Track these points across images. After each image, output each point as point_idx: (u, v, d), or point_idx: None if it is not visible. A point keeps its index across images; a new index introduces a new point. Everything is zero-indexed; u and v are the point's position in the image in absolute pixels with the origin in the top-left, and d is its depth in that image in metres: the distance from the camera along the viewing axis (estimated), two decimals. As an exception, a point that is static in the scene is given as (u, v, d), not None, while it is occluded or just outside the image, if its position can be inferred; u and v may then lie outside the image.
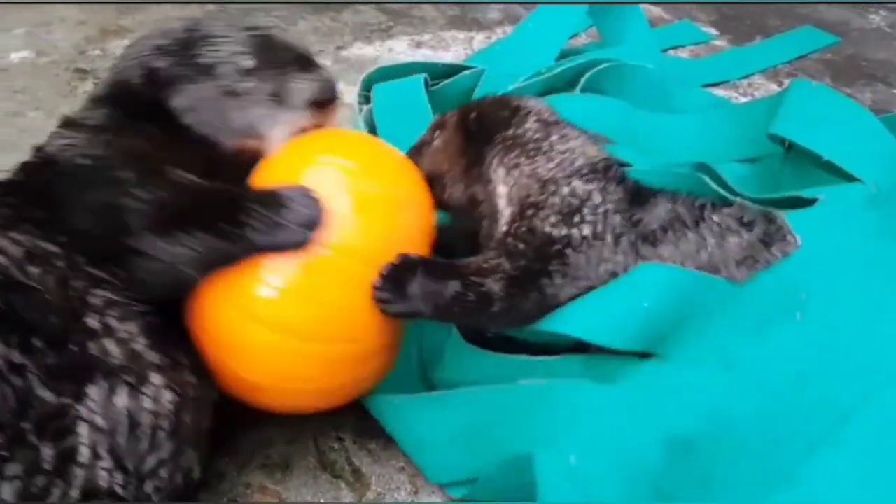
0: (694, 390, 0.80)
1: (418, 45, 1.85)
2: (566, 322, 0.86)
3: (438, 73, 1.54)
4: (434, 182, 0.98)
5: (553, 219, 0.89)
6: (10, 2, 1.69)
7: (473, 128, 0.98)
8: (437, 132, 1.03)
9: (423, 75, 1.45)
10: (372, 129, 1.39)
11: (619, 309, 0.85)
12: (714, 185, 1.06)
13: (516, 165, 0.95)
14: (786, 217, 0.92)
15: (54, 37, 1.57)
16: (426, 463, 0.95)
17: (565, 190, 0.91)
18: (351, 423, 1.01)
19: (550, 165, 0.94)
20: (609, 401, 0.82)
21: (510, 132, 0.97)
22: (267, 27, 0.96)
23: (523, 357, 0.90)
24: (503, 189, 0.95)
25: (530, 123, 0.98)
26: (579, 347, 0.88)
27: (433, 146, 1.02)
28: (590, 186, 0.92)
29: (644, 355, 0.84)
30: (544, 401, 0.85)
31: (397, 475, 0.96)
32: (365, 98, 1.45)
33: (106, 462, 0.72)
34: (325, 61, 1.72)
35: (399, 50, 1.82)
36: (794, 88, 1.22)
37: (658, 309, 0.84)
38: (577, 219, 0.89)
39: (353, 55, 1.78)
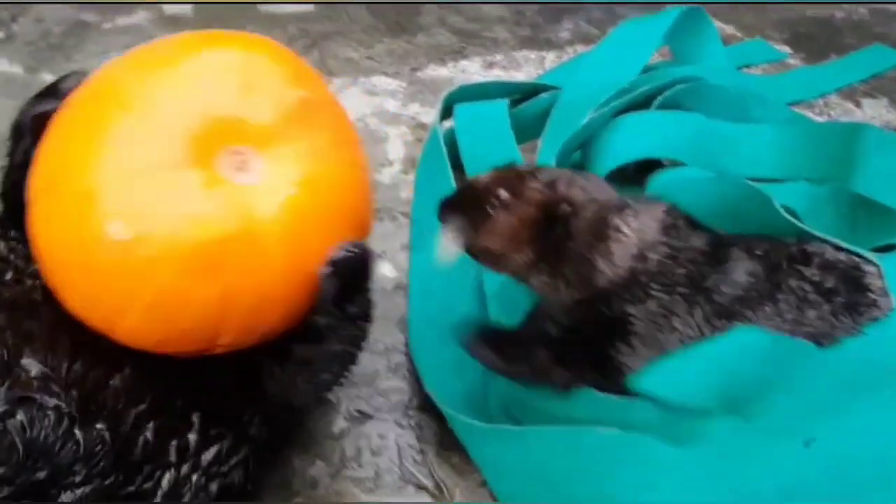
0: (771, 461, 0.80)
1: (490, 65, 1.88)
2: (648, 381, 0.86)
3: (517, 91, 1.57)
4: (488, 255, 0.96)
5: (624, 294, 0.89)
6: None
7: (560, 233, 0.91)
8: (502, 208, 0.93)
9: (506, 101, 1.48)
10: (452, 149, 1.43)
11: (705, 371, 0.84)
12: (787, 217, 1.05)
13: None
14: (875, 266, 0.90)
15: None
16: (500, 489, 0.96)
17: (636, 265, 0.90)
18: (431, 436, 1.05)
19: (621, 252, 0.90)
20: (685, 462, 0.83)
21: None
22: None
23: (600, 394, 0.90)
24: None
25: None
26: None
27: (497, 224, 0.93)
28: (656, 255, 0.90)
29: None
30: (620, 452, 0.86)
31: (479, 489, 0.99)
32: (445, 115, 1.49)
33: None
34: (400, 82, 1.78)
35: (472, 70, 1.85)
36: (865, 136, 1.20)
37: (745, 371, 0.82)
38: (645, 292, 0.89)
39: (427, 76, 1.82)
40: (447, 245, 0.94)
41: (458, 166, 1.38)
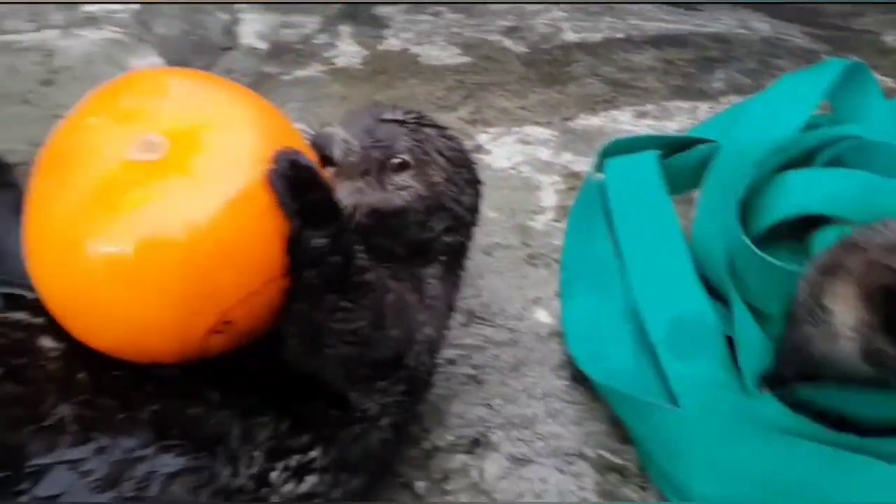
0: None
1: (641, 115, 1.91)
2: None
3: (671, 144, 1.60)
4: None
5: None
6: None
7: None
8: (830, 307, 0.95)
9: (657, 153, 1.52)
10: (605, 202, 1.47)
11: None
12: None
13: None
14: None
15: (323, 110, 1.81)
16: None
17: None
18: (591, 484, 1.08)
19: None
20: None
21: None
22: None
23: (853, 437, 0.95)
24: None
25: None
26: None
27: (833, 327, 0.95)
28: None
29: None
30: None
31: None
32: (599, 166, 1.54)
33: None
34: (553, 132, 1.85)
35: (622, 120, 1.89)
36: None
37: None
38: None
39: (578, 126, 1.88)
40: None
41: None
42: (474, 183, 1.05)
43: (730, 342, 1.17)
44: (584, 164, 1.73)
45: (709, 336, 1.21)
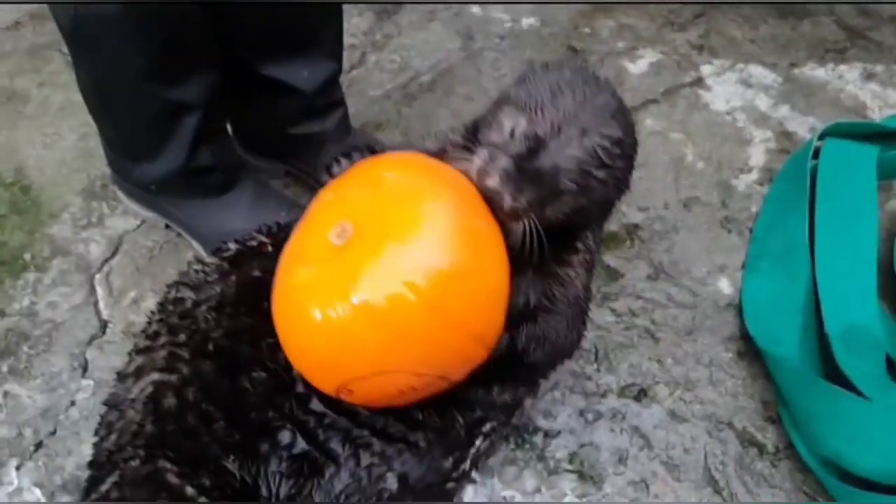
0: None
1: (869, 76, 1.87)
2: None
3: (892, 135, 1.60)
4: None
5: None
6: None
7: None
8: None
9: (878, 148, 1.53)
10: (812, 179, 1.52)
11: None
12: None
13: None
14: None
15: (557, 7, 1.85)
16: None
17: None
18: (733, 451, 1.28)
19: None
20: None
21: None
22: None
23: None
24: None
25: None
26: None
27: None
28: None
29: None
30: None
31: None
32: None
33: None
34: (777, 77, 1.84)
35: (849, 79, 1.86)
36: None
37: None
38: None
39: (803, 76, 1.86)
40: None
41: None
42: (630, 161, 1.00)
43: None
44: (799, 124, 1.75)
45: (873, 348, 1.33)
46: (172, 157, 1.32)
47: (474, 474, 1.19)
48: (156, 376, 0.98)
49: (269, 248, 1.09)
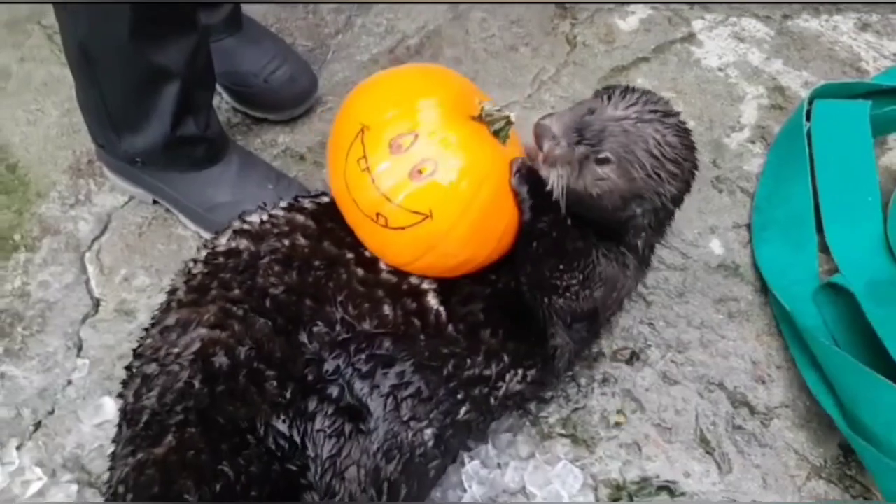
0: None
1: (864, 26, 1.84)
2: None
3: (883, 93, 1.59)
4: None
5: None
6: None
7: None
8: None
9: (869, 103, 1.52)
10: (809, 143, 1.51)
11: None
12: None
13: None
14: None
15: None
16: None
17: None
18: (724, 412, 1.29)
19: None
20: None
21: None
22: None
23: None
24: None
25: None
26: None
27: None
28: None
29: None
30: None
31: (753, 469, 1.24)
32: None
33: None
34: (769, 30, 1.81)
35: (843, 30, 1.83)
36: None
37: None
38: None
39: (797, 27, 1.83)
40: None
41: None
42: (679, 176, 1.07)
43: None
44: (792, 79, 1.72)
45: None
46: (157, 126, 1.31)
47: (470, 443, 1.21)
48: (203, 332, 0.97)
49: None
